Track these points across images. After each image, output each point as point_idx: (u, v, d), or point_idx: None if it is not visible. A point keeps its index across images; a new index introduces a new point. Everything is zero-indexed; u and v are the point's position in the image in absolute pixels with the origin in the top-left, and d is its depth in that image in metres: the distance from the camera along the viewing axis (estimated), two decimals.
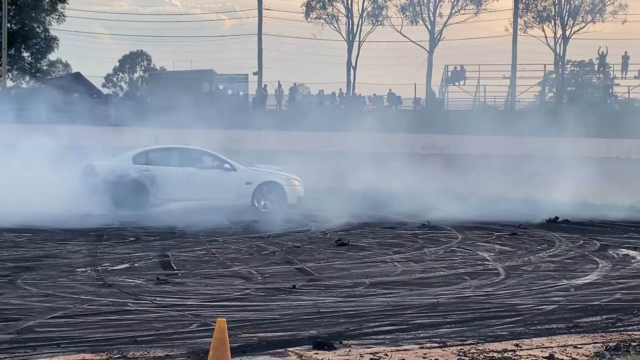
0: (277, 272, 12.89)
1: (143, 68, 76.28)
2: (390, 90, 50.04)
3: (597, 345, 8.49)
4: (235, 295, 10.85)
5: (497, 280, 12.37)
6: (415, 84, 50.92)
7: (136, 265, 13.33)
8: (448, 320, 9.53)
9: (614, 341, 8.60)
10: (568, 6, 53.07)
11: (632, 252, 15.58)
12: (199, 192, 22.17)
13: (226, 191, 22.16)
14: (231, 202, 22.16)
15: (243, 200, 22.22)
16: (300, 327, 8.99)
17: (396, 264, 13.91)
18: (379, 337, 8.67)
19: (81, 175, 21.66)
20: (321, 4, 55.30)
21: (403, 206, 23.32)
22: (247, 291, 11.16)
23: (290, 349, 8.08)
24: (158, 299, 10.45)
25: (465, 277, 12.57)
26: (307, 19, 55.55)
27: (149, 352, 7.91)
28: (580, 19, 52.99)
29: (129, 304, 10.14)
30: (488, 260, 14.33)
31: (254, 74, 53.71)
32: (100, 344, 8.16)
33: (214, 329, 6.78)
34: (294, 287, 11.42)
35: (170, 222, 19.53)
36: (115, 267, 13.01)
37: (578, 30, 52.96)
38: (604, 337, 8.83)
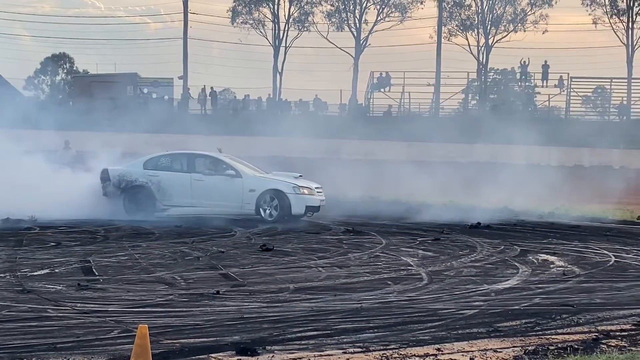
0: (201, 277, 12.81)
1: (65, 71, 75.13)
2: (316, 95, 50.30)
3: (516, 349, 8.63)
4: (158, 301, 10.75)
5: (420, 285, 12.49)
6: (341, 90, 51.28)
7: (57, 270, 13.11)
8: (371, 325, 9.59)
9: (532, 345, 8.76)
10: (491, 15, 54.02)
11: (551, 258, 15.86)
12: (203, 198, 21.65)
13: (229, 198, 21.50)
14: (235, 210, 21.57)
15: (247, 208, 21.47)
16: (224, 333, 8.95)
17: (320, 269, 13.93)
18: (303, 342, 8.68)
19: (99, 179, 21.96)
20: (247, 9, 55.27)
21: (329, 212, 23.41)
22: (170, 297, 11.07)
23: (213, 355, 8.04)
24: (79, 305, 10.30)
25: (389, 282, 12.66)
26: (233, 23, 55.50)
27: (69, 359, 7.80)
28: (503, 28, 54.01)
29: (48, 310, 9.98)
30: (411, 266, 14.45)
31: (179, 78, 53.47)
32: (19, 350, 8.01)
33: (135, 335, 6.71)
34: (217, 292, 11.36)
35: (92, 226, 19.32)
36: (35, 273, 12.78)
37: (500, 39, 53.98)
38: (523, 341, 8.98)
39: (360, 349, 8.42)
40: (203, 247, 16.31)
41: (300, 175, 22.39)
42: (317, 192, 22.05)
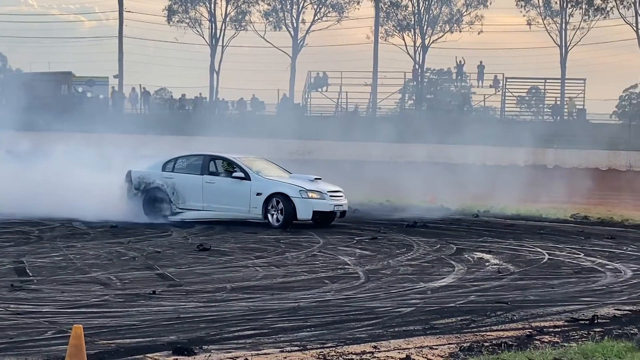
0: (137, 277, 12.70)
1: None
2: (253, 95, 50.14)
3: (451, 346, 8.72)
4: (93, 302, 10.64)
5: (357, 284, 12.55)
6: (278, 90, 51.16)
7: None
8: (308, 323, 9.61)
9: (467, 342, 8.86)
10: (427, 16, 54.40)
11: (486, 256, 16.06)
12: (212, 202, 20.89)
13: (237, 202, 20.61)
14: (243, 215, 20.65)
15: (254, 213, 20.48)
16: (160, 333, 8.89)
17: (258, 268, 13.92)
18: (240, 341, 8.66)
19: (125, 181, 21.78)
20: (184, 7, 54.88)
21: None
22: (106, 297, 10.96)
23: (149, 355, 7.98)
24: (12, 306, 10.14)
25: (326, 281, 12.69)
26: (169, 22, 55.03)
27: None
28: (439, 28, 54.42)
29: None
30: (349, 264, 14.51)
31: (115, 76, 52.86)
32: None
33: (70, 335, 6.63)
34: (154, 292, 11.28)
35: (26, 226, 19.03)
36: None
37: (437, 39, 54.38)
38: (459, 338, 9.08)
39: (297, 348, 8.43)
40: (139, 247, 16.17)
41: (318, 178, 21.36)
42: (332, 196, 20.87)
